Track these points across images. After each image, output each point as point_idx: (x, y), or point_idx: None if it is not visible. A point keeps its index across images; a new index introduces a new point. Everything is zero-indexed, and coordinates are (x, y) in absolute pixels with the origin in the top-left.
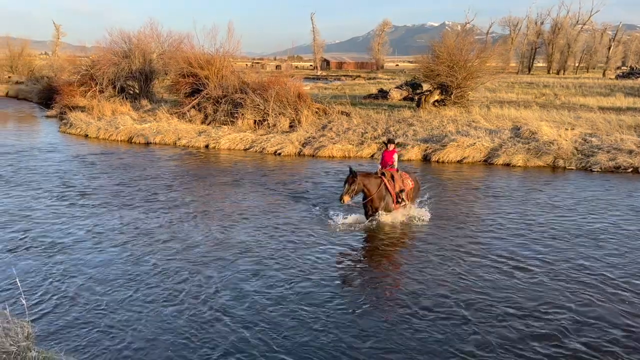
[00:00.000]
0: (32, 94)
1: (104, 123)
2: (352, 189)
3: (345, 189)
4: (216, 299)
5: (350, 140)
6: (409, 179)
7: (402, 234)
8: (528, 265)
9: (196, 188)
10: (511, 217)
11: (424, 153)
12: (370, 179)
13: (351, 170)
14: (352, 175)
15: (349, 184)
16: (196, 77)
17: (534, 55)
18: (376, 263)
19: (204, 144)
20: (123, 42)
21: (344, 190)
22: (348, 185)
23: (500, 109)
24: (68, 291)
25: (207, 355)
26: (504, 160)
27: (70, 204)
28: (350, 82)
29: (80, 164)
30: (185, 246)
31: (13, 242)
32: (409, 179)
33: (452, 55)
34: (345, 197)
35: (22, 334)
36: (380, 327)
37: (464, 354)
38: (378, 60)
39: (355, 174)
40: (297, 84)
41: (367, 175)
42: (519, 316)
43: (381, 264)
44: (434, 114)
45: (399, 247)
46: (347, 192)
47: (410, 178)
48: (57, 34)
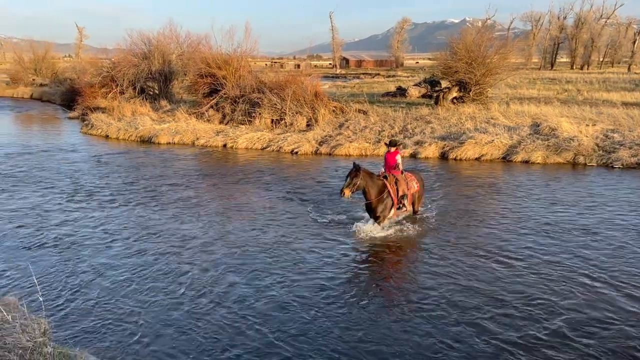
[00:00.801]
0: (55, 96)
1: (124, 124)
2: (354, 183)
3: (347, 182)
4: (225, 295)
5: (367, 138)
6: (414, 180)
7: (415, 232)
8: (540, 265)
9: (210, 187)
10: (522, 214)
11: (441, 151)
12: (372, 179)
13: (355, 165)
14: (355, 169)
15: (351, 178)
16: (214, 77)
17: (556, 51)
18: (389, 261)
19: (222, 143)
20: (143, 44)
21: (345, 184)
22: (350, 179)
23: (520, 105)
24: (81, 287)
25: (211, 348)
26: (522, 157)
27: (84, 202)
28: (369, 80)
29: (97, 164)
30: (198, 244)
31: (29, 239)
32: (414, 181)
33: (470, 52)
34: (346, 191)
35: (38, 330)
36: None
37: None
38: (397, 58)
39: (359, 168)
40: (314, 82)
41: (371, 176)
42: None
43: (391, 263)
44: (452, 111)
45: (411, 247)
46: (348, 185)
47: (416, 180)
48: (80, 37)
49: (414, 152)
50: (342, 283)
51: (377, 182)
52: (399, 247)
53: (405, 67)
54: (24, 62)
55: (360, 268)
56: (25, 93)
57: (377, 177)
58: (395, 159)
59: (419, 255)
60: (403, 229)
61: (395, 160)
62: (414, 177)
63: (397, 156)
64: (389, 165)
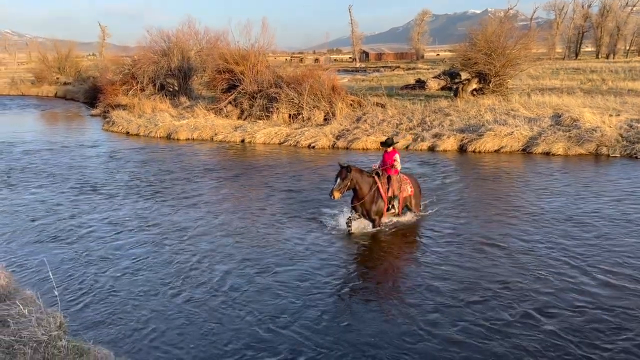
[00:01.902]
0: (78, 94)
1: (144, 120)
2: (344, 184)
3: (336, 184)
4: (238, 291)
5: (385, 132)
6: (408, 183)
7: (428, 225)
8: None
9: (223, 181)
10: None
11: (460, 143)
12: (363, 175)
13: (342, 165)
14: (345, 169)
15: (340, 179)
16: (232, 72)
17: (581, 40)
18: (394, 255)
19: (240, 138)
20: (162, 41)
21: (335, 185)
22: (340, 179)
23: (542, 96)
24: (94, 280)
25: (225, 344)
26: (543, 149)
27: (97, 196)
28: (389, 73)
29: (111, 159)
30: (209, 237)
31: (44, 232)
32: (408, 184)
33: (490, 43)
34: (336, 193)
35: (54, 324)
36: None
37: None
38: (418, 50)
39: (349, 168)
40: (331, 76)
41: (361, 172)
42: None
43: (398, 256)
44: (472, 103)
45: (421, 241)
46: (338, 187)
47: (410, 183)
48: (103, 35)
49: (432, 145)
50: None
51: (368, 180)
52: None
53: (426, 59)
54: (48, 61)
55: (348, 257)
56: (50, 91)
57: (368, 174)
58: (393, 158)
59: (407, 244)
60: (397, 220)
61: (393, 160)
62: (408, 180)
63: (396, 155)
64: (386, 164)
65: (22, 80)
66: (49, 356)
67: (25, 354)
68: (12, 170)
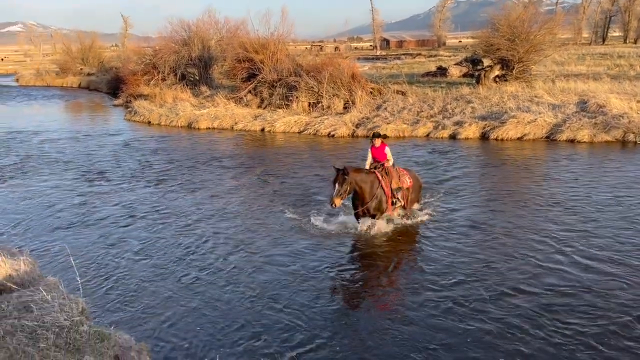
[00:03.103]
0: (101, 85)
1: (165, 110)
2: (343, 190)
3: (335, 191)
4: (254, 280)
5: (405, 119)
6: (406, 175)
7: (442, 216)
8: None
9: (239, 169)
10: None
11: (482, 131)
12: (362, 174)
13: (338, 169)
14: (342, 173)
15: (339, 184)
16: (252, 61)
17: (608, 24)
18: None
19: (260, 127)
20: (183, 31)
21: (334, 192)
22: (339, 185)
23: (567, 82)
24: (112, 265)
25: (238, 329)
26: (567, 136)
27: (117, 183)
28: (410, 60)
29: (135, 148)
30: (228, 226)
31: (62, 219)
32: (406, 176)
33: (513, 28)
34: (336, 200)
35: (76, 310)
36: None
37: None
38: (439, 37)
39: (346, 171)
40: (351, 64)
41: (359, 171)
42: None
43: (407, 248)
44: (494, 90)
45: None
46: (337, 194)
47: (409, 175)
48: (125, 26)
49: (453, 133)
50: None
51: (368, 175)
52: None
53: (448, 46)
54: (72, 53)
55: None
56: (74, 82)
57: (366, 170)
58: (385, 152)
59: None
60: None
61: (385, 155)
62: (406, 172)
63: (386, 149)
64: (376, 160)
65: (47, 71)
66: (71, 341)
67: (48, 338)
68: (32, 158)
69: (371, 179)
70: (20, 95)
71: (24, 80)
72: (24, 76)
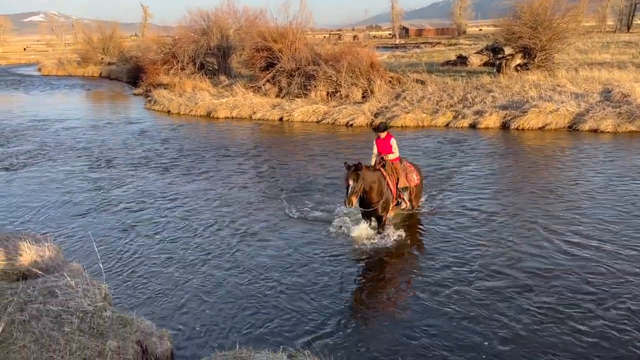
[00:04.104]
0: (122, 74)
1: (184, 99)
2: (358, 186)
3: (350, 189)
4: (267, 269)
5: (425, 109)
6: (414, 172)
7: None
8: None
9: (254, 157)
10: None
11: (502, 120)
12: (370, 172)
13: (349, 166)
14: (355, 169)
15: (354, 181)
16: (270, 50)
17: (633, 12)
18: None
19: (278, 117)
20: (202, 20)
21: (349, 191)
22: (353, 182)
23: (590, 71)
24: (131, 251)
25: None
26: (590, 126)
27: (133, 170)
28: (430, 49)
29: (153, 137)
30: (244, 215)
31: (81, 205)
32: (414, 173)
33: (536, 15)
34: (353, 198)
35: (99, 295)
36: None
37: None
38: (459, 26)
39: (360, 166)
40: (370, 53)
41: (368, 169)
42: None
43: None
44: (515, 79)
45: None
46: (353, 192)
47: (416, 171)
48: (145, 16)
49: (473, 123)
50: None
51: (376, 175)
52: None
53: (468, 34)
54: (93, 42)
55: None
56: (95, 72)
57: (373, 167)
58: (390, 144)
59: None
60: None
61: (390, 147)
62: (413, 168)
63: (392, 141)
64: (381, 154)
65: (69, 61)
66: (95, 326)
67: (72, 323)
68: (52, 145)
69: (378, 177)
70: (42, 85)
71: (46, 70)
72: (46, 66)
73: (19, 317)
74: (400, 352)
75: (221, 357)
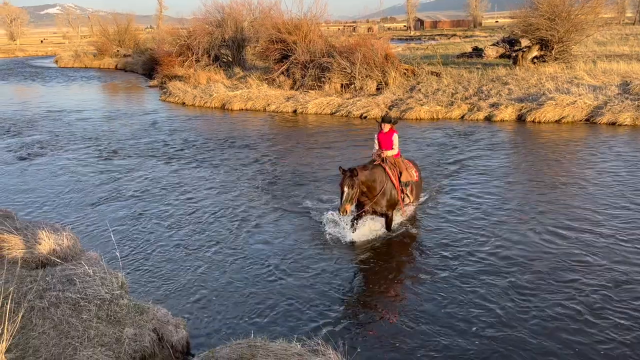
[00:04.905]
0: (137, 66)
1: (199, 91)
2: (354, 192)
3: (345, 196)
4: (281, 262)
5: (439, 101)
6: (413, 169)
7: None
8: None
9: (266, 150)
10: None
11: (518, 113)
12: (371, 172)
13: (344, 170)
14: (350, 174)
15: (348, 187)
16: (284, 42)
17: None
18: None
19: (292, 109)
20: (217, 12)
21: (343, 198)
22: (348, 188)
23: (609, 63)
24: (144, 239)
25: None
26: (608, 119)
27: (145, 160)
28: (445, 41)
29: (168, 128)
30: (257, 205)
31: (95, 194)
32: (413, 169)
33: (553, 7)
34: (347, 206)
35: (116, 283)
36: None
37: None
38: (475, 18)
39: (354, 172)
40: (384, 45)
41: (366, 168)
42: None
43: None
44: (532, 72)
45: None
46: (347, 199)
47: (415, 168)
48: (160, 8)
49: (488, 115)
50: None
51: (375, 171)
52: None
53: (484, 26)
54: (108, 35)
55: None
56: (111, 64)
57: (374, 165)
58: (392, 139)
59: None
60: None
61: (391, 143)
62: (412, 164)
63: (394, 136)
64: (384, 148)
65: (85, 53)
66: (112, 313)
67: (90, 310)
68: (67, 135)
69: (380, 174)
70: (59, 77)
71: (62, 62)
72: (62, 58)
73: (38, 304)
74: (403, 334)
75: (236, 346)
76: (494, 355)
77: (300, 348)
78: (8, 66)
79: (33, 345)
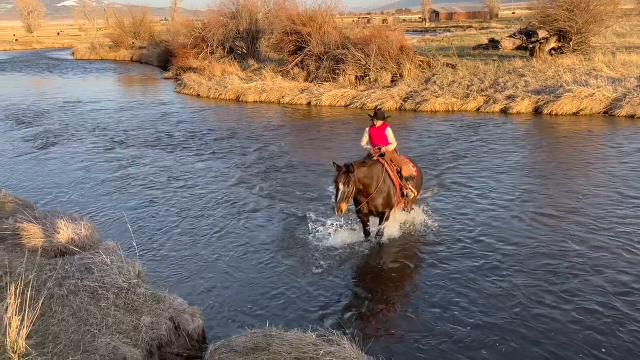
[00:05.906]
0: (152, 58)
1: (214, 83)
2: (349, 191)
3: (340, 194)
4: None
5: (455, 93)
6: (410, 164)
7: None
8: None
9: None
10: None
11: (535, 105)
12: (368, 168)
13: (339, 166)
14: (346, 171)
15: (344, 185)
16: (299, 34)
17: None
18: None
19: (307, 101)
20: (231, 4)
21: (338, 196)
22: (344, 186)
23: (629, 55)
24: (165, 230)
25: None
26: (627, 112)
27: (167, 150)
28: (461, 33)
29: (182, 120)
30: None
31: (110, 184)
32: (410, 164)
33: None
34: (343, 205)
35: (133, 273)
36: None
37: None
38: (492, 9)
39: (351, 168)
40: (399, 37)
41: (364, 165)
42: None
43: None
44: (549, 64)
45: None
46: (343, 197)
47: (412, 164)
48: (175, 0)
49: (504, 108)
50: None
51: (373, 167)
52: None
53: (500, 18)
54: (124, 27)
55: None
56: (126, 56)
57: (372, 160)
58: (386, 134)
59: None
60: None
61: (386, 138)
62: (409, 160)
63: (388, 130)
64: (375, 144)
65: (101, 45)
66: (130, 302)
67: (108, 299)
68: (83, 126)
69: (378, 170)
70: (76, 69)
71: (79, 54)
72: (79, 50)
73: (57, 292)
74: (412, 322)
75: (252, 335)
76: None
77: (315, 338)
78: (26, 58)
79: (53, 332)
